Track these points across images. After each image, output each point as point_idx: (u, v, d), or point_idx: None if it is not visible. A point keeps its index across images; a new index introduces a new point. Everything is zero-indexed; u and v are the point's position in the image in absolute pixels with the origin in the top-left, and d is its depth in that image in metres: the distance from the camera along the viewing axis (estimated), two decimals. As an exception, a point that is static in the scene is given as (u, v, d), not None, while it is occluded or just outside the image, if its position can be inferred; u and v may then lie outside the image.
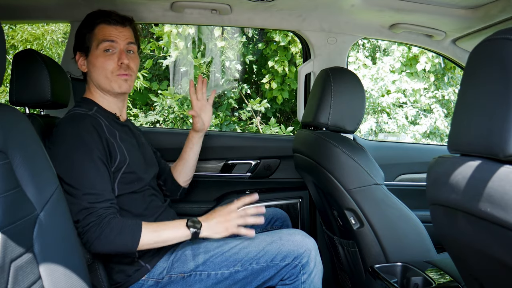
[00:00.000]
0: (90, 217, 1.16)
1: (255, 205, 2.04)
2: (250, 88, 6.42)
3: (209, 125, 1.65)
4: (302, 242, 1.29)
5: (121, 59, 1.35)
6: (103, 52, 1.35)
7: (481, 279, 0.77)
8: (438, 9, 1.65)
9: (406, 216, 1.36)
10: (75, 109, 1.35)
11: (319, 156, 1.47)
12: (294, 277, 1.29)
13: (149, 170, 1.43)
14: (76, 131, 1.23)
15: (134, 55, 1.41)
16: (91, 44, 1.36)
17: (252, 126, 6.20)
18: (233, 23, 1.99)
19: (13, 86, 1.37)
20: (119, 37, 1.36)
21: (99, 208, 1.17)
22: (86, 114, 1.30)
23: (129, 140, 1.39)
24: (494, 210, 0.61)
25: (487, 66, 0.66)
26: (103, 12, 1.39)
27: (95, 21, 1.37)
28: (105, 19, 1.36)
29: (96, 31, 1.36)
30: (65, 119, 1.30)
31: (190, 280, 1.28)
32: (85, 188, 1.17)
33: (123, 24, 1.38)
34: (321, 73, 1.57)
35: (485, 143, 0.64)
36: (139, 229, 1.19)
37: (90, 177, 1.19)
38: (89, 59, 1.37)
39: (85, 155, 1.20)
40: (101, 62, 1.35)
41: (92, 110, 1.35)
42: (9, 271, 0.77)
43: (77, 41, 1.40)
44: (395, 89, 6.48)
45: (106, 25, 1.36)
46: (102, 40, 1.34)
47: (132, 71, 1.39)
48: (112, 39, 1.35)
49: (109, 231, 1.15)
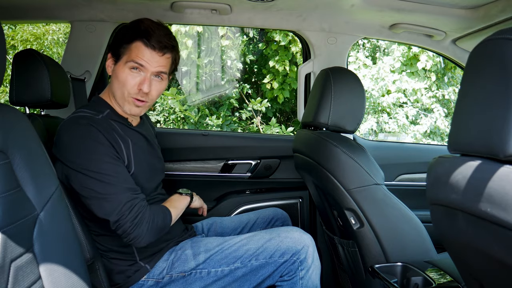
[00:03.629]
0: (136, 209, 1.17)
1: (256, 205, 2.06)
2: (251, 88, 6.42)
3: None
4: (300, 238, 1.31)
5: (141, 86, 1.26)
6: (130, 69, 1.25)
7: (481, 279, 0.77)
8: (438, 9, 1.65)
9: (406, 216, 1.36)
10: (83, 110, 1.27)
11: (319, 156, 1.47)
12: (293, 273, 1.30)
13: (154, 178, 1.40)
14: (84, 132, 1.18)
15: (161, 81, 1.31)
16: (123, 55, 1.26)
17: (253, 126, 6.20)
18: (233, 23, 1.99)
19: (13, 86, 1.37)
20: (150, 63, 1.25)
21: (140, 199, 1.19)
22: (93, 117, 1.24)
23: (141, 147, 1.35)
24: (494, 210, 0.61)
25: (487, 66, 0.66)
26: (148, 30, 1.25)
27: (136, 36, 1.25)
28: (145, 39, 1.24)
29: (132, 46, 1.25)
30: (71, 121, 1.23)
31: (191, 279, 1.29)
32: (121, 183, 1.17)
33: (161, 52, 1.26)
34: (321, 73, 1.57)
35: (485, 143, 0.64)
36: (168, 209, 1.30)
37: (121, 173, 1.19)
38: (116, 67, 1.29)
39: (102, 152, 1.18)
40: (123, 78, 1.26)
41: (103, 113, 1.29)
42: (9, 271, 0.77)
43: (114, 44, 1.30)
44: (396, 89, 6.48)
45: (144, 46, 1.24)
46: (133, 59, 1.24)
47: (150, 99, 1.30)
48: (142, 64, 1.25)
49: (155, 218, 1.21)
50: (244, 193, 2.11)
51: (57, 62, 1.53)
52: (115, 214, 1.14)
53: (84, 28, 1.90)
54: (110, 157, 1.19)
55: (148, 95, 1.29)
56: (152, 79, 1.28)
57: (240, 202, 2.05)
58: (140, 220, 1.16)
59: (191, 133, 2.26)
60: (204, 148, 2.09)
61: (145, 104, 1.31)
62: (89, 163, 1.16)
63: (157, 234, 1.22)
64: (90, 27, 1.90)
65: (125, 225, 1.15)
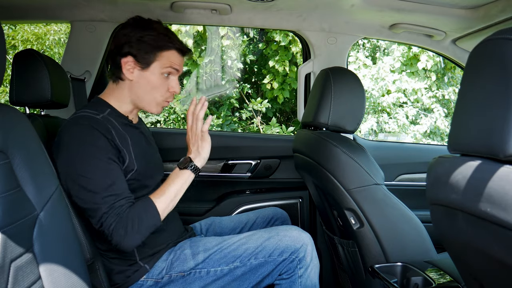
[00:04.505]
0: (110, 219, 1.15)
1: (256, 205, 2.06)
2: (251, 88, 6.42)
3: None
4: (299, 237, 1.32)
5: (175, 88, 1.35)
6: (162, 75, 1.32)
7: (481, 279, 0.77)
8: (438, 9, 1.65)
9: (406, 216, 1.36)
10: (84, 110, 1.28)
11: (319, 156, 1.47)
12: (291, 272, 1.30)
13: (155, 175, 1.41)
14: (83, 134, 1.19)
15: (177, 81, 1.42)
16: (154, 61, 1.30)
17: (253, 126, 6.21)
18: (233, 23, 1.99)
19: (13, 86, 1.37)
20: (181, 67, 1.37)
21: (116, 207, 1.17)
22: (93, 117, 1.25)
23: (140, 144, 1.37)
24: (494, 210, 0.61)
25: (487, 66, 0.66)
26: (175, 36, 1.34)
27: (169, 44, 1.31)
28: (179, 47, 1.33)
29: (167, 54, 1.31)
30: (72, 121, 1.24)
31: (190, 278, 1.29)
32: (103, 191, 1.16)
33: (187, 55, 1.39)
34: (321, 73, 1.57)
35: (485, 143, 0.64)
36: (151, 203, 1.22)
37: (106, 179, 1.18)
38: (144, 72, 1.30)
39: (98, 158, 1.18)
40: (158, 83, 1.32)
41: (104, 113, 1.29)
42: (9, 271, 0.77)
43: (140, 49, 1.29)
44: (396, 89, 6.48)
45: (178, 54, 1.34)
46: (170, 66, 1.32)
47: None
48: (177, 69, 1.35)
49: (132, 223, 1.16)
50: (244, 193, 2.11)
51: (57, 62, 1.53)
52: (96, 221, 1.16)
53: (84, 28, 1.90)
54: (100, 161, 1.19)
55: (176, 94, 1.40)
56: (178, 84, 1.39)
57: (240, 202, 2.06)
58: (115, 227, 1.15)
59: (191, 133, 2.25)
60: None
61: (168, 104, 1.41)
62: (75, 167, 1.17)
63: (141, 237, 1.19)
64: (90, 27, 1.90)
65: (104, 232, 1.16)
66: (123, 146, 1.27)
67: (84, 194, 1.16)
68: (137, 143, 1.34)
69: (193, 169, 1.31)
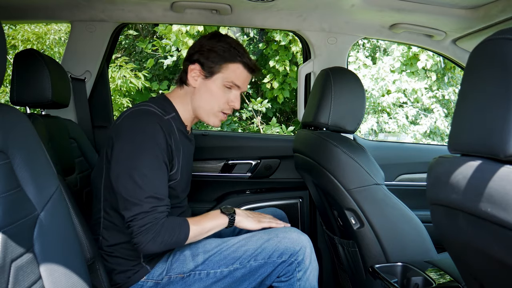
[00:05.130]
0: (147, 219, 1.16)
1: (256, 205, 2.06)
2: (251, 88, 6.42)
3: None
4: (298, 239, 1.31)
5: (234, 102, 1.35)
6: (224, 86, 1.32)
7: (481, 279, 0.77)
8: (438, 9, 1.65)
9: (406, 216, 1.36)
10: (150, 105, 1.28)
11: (319, 156, 1.47)
12: (290, 274, 1.30)
13: (187, 189, 1.45)
14: (149, 129, 1.20)
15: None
16: (219, 72, 1.31)
17: (253, 126, 6.20)
18: (233, 23, 1.99)
19: (13, 86, 1.37)
20: (245, 83, 1.35)
21: (157, 212, 1.17)
22: (161, 116, 1.26)
23: (188, 156, 1.39)
24: (495, 210, 0.61)
25: (487, 66, 0.66)
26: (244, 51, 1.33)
27: (237, 57, 1.31)
28: (248, 63, 1.32)
29: (234, 66, 1.31)
30: (138, 112, 1.25)
31: (190, 280, 1.28)
32: (150, 191, 1.16)
33: (254, 73, 1.37)
34: (321, 73, 1.57)
35: (486, 143, 0.64)
36: (187, 225, 1.23)
37: (156, 180, 1.19)
38: (207, 81, 1.32)
39: (155, 156, 1.19)
40: (218, 95, 1.32)
41: (169, 115, 1.31)
42: (10, 271, 0.77)
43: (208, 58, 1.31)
44: (396, 89, 6.48)
45: (246, 70, 1.33)
46: (233, 81, 1.31)
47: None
48: (239, 86, 1.34)
49: (163, 234, 1.17)
50: (244, 193, 2.11)
51: (58, 62, 1.53)
52: (130, 214, 1.16)
53: (84, 28, 1.90)
54: (157, 161, 1.20)
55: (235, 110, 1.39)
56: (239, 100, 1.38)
57: (240, 202, 2.06)
58: (147, 229, 1.15)
59: (191, 133, 2.25)
60: (204, 148, 2.09)
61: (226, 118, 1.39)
62: (133, 158, 1.18)
63: (162, 248, 1.20)
64: (90, 27, 1.90)
65: (133, 227, 1.16)
66: (176, 154, 1.28)
67: (132, 186, 1.16)
68: (186, 155, 1.36)
69: (230, 219, 1.33)
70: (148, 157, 1.18)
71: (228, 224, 1.32)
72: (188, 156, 1.42)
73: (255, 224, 1.36)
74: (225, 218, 1.32)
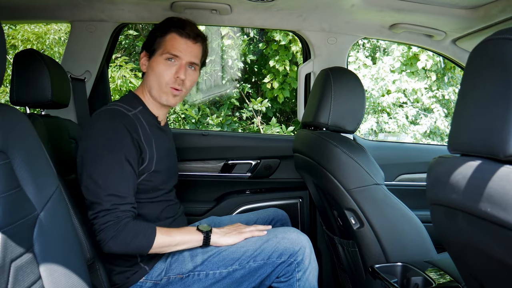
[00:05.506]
0: (109, 217, 1.17)
1: (256, 205, 2.06)
2: (251, 88, 6.42)
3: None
4: (297, 239, 1.31)
5: (178, 73, 1.33)
6: (165, 60, 1.33)
7: (481, 279, 0.77)
8: (438, 9, 1.65)
9: (406, 216, 1.36)
10: (118, 103, 1.31)
11: (319, 156, 1.47)
12: (289, 275, 1.30)
13: (170, 181, 1.43)
14: (110, 129, 1.22)
15: (194, 71, 1.40)
16: (158, 49, 1.34)
17: (253, 126, 6.20)
18: (233, 23, 1.99)
19: (13, 86, 1.37)
20: (185, 52, 1.34)
21: (119, 210, 1.18)
22: (125, 114, 1.28)
23: (163, 147, 1.38)
24: (495, 210, 0.61)
25: (487, 66, 0.66)
26: (180, 21, 1.36)
27: (169, 28, 1.34)
28: (179, 30, 1.34)
29: (167, 38, 1.34)
30: (104, 112, 1.27)
31: (188, 281, 1.28)
32: (110, 189, 1.18)
33: (194, 40, 1.36)
34: (321, 73, 1.57)
35: (485, 143, 0.64)
36: (153, 232, 1.22)
37: (116, 179, 1.19)
38: (150, 62, 1.36)
39: (115, 155, 1.20)
40: (160, 70, 1.33)
41: (136, 110, 1.33)
42: (9, 271, 0.77)
43: (148, 41, 1.39)
44: (396, 89, 6.48)
45: (178, 36, 1.34)
46: (168, 50, 1.33)
47: (185, 88, 1.38)
48: (177, 54, 1.33)
49: (125, 234, 1.17)
50: (244, 193, 2.11)
51: (57, 62, 1.53)
52: (92, 212, 1.19)
53: (84, 28, 1.90)
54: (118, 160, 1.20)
55: (184, 83, 1.36)
56: (186, 69, 1.36)
57: (240, 202, 2.05)
58: (108, 227, 1.16)
59: (191, 133, 2.26)
60: (204, 148, 2.09)
61: (181, 93, 1.37)
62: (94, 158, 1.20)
63: (125, 249, 1.20)
64: (90, 27, 1.90)
65: (95, 225, 1.18)
66: (146, 146, 1.28)
67: (92, 186, 1.18)
68: (160, 146, 1.36)
69: (205, 238, 1.29)
70: (108, 157, 1.19)
71: (202, 242, 1.29)
72: (166, 147, 1.41)
73: (237, 237, 1.32)
74: (199, 235, 1.29)
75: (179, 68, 1.34)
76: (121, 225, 1.17)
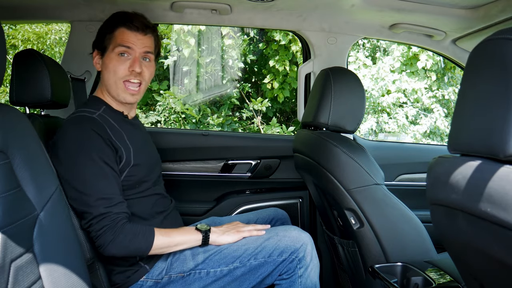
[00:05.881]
0: (104, 221, 1.17)
1: (256, 205, 2.06)
2: (251, 88, 6.42)
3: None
4: (298, 237, 1.32)
5: (132, 67, 1.33)
6: (118, 55, 1.33)
7: (481, 279, 0.77)
8: (438, 9, 1.65)
9: (406, 216, 1.36)
10: (81, 110, 1.32)
11: (319, 156, 1.47)
12: (291, 272, 1.30)
13: (154, 170, 1.43)
14: (79, 136, 1.21)
15: (149, 63, 1.39)
16: (109, 45, 1.34)
17: (253, 126, 6.20)
18: (233, 23, 1.99)
19: (13, 86, 1.37)
20: (136, 44, 1.34)
21: (113, 213, 1.18)
22: (91, 117, 1.28)
23: (137, 139, 1.38)
24: (495, 210, 0.61)
25: (487, 66, 0.66)
26: (127, 15, 1.36)
27: (117, 23, 1.34)
28: (126, 23, 1.33)
29: (116, 33, 1.34)
30: (69, 121, 1.27)
31: (190, 279, 1.29)
32: (96, 194, 1.17)
33: (143, 32, 1.35)
34: (321, 73, 1.57)
35: (485, 143, 0.64)
36: (152, 233, 1.23)
37: (99, 182, 1.19)
38: (104, 59, 1.36)
39: (91, 160, 1.19)
40: (113, 65, 1.33)
41: (100, 110, 1.33)
42: (9, 271, 0.77)
43: (97, 39, 1.38)
44: (396, 89, 6.48)
45: (126, 30, 1.33)
46: (119, 44, 1.32)
47: (143, 79, 1.37)
48: (128, 46, 1.33)
49: (123, 236, 1.18)
50: (244, 193, 2.11)
51: (57, 62, 1.53)
52: (85, 222, 1.18)
53: (84, 28, 1.90)
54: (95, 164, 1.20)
55: (141, 75, 1.35)
56: (141, 61, 1.35)
57: (240, 202, 2.06)
58: (104, 231, 1.16)
59: (191, 133, 2.26)
60: (204, 148, 2.09)
61: (140, 88, 1.36)
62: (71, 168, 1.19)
63: (125, 252, 1.20)
64: (90, 27, 1.90)
65: (91, 232, 1.18)
66: (119, 143, 1.28)
67: (77, 195, 1.18)
68: (133, 138, 1.35)
69: (204, 238, 1.31)
70: (84, 163, 1.19)
71: (202, 242, 1.30)
72: (139, 139, 1.40)
73: (235, 236, 1.33)
74: (198, 235, 1.30)
75: (133, 61, 1.33)
76: (118, 227, 1.17)
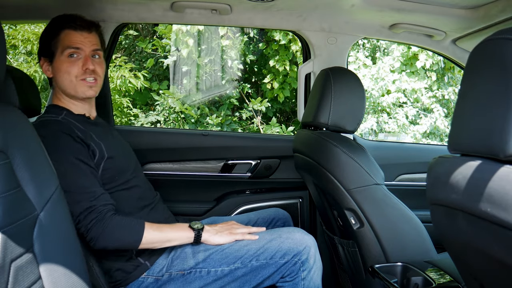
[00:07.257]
0: (92, 215, 1.17)
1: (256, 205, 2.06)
2: (251, 88, 6.42)
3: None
4: (302, 239, 1.31)
5: (85, 65, 1.34)
6: (68, 57, 1.33)
7: (481, 279, 0.77)
8: (438, 9, 1.65)
9: (406, 216, 1.36)
10: (43, 116, 1.34)
11: (319, 156, 1.47)
12: (294, 274, 1.30)
13: (130, 162, 1.44)
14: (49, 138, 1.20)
15: (99, 60, 1.40)
16: (56, 50, 1.34)
17: (253, 126, 6.20)
18: (233, 23, 1.99)
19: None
20: (84, 44, 1.35)
21: (99, 205, 1.19)
22: (55, 120, 1.29)
23: (105, 135, 1.39)
24: (495, 210, 0.61)
25: (487, 66, 0.66)
26: (68, 17, 1.37)
27: (61, 26, 1.35)
28: (70, 24, 1.34)
29: (62, 36, 1.34)
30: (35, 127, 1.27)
31: (190, 277, 1.29)
32: (77, 190, 1.18)
33: (88, 30, 1.37)
34: (321, 73, 1.57)
35: (485, 143, 0.64)
36: (142, 226, 1.23)
37: (78, 179, 1.19)
38: (54, 64, 1.35)
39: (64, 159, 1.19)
40: (66, 68, 1.33)
41: (61, 115, 1.33)
42: (9, 271, 0.77)
43: (42, 46, 1.38)
44: (395, 89, 6.48)
45: (72, 31, 1.34)
46: (67, 46, 1.33)
47: (98, 76, 1.38)
48: (77, 46, 1.33)
49: (111, 227, 1.18)
50: (244, 193, 2.11)
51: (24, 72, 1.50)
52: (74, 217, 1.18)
53: (84, 28, 1.90)
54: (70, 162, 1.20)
55: (95, 72, 1.37)
56: (92, 59, 1.36)
57: (240, 202, 2.05)
58: (93, 225, 1.17)
59: (191, 133, 2.26)
60: (204, 148, 2.09)
61: (96, 82, 1.38)
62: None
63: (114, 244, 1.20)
64: (90, 27, 1.90)
65: (81, 228, 1.18)
66: (89, 140, 1.29)
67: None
68: (101, 135, 1.36)
69: (196, 236, 1.30)
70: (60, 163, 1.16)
71: (193, 240, 1.30)
72: (108, 135, 1.41)
73: (228, 238, 1.32)
74: (190, 232, 1.30)
75: (85, 60, 1.34)
76: (106, 219, 1.18)
